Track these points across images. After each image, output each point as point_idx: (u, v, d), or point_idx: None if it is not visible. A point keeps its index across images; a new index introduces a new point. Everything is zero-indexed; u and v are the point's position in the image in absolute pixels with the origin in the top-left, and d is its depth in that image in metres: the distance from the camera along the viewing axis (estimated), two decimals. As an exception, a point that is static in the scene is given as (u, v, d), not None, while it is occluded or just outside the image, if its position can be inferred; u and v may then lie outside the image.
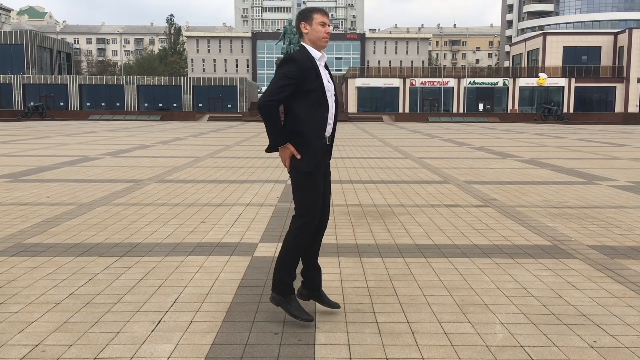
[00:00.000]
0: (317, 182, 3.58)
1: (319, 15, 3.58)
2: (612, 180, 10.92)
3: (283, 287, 3.65)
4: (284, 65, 3.49)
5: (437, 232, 6.35)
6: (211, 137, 24.54)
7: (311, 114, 3.53)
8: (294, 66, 3.46)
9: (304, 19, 3.59)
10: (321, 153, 3.60)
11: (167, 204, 8.01)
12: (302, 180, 3.58)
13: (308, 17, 3.59)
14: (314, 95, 3.52)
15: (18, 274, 4.68)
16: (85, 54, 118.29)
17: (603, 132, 31.41)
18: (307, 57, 3.53)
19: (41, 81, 60.12)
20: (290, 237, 3.65)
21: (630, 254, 5.43)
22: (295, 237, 3.62)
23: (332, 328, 3.60)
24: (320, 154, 3.59)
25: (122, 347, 3.29)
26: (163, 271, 4.78)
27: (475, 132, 30.53)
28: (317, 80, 3.52)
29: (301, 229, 3.61)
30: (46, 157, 14.85)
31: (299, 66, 3.46)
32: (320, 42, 3.59)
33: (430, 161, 14.48)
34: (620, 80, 59.54)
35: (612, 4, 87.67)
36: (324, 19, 3.60)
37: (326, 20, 3.62)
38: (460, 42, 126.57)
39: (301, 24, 3.60)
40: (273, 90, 3.43)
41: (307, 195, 3.58)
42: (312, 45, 3.59)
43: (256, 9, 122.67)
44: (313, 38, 3.58)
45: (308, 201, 3.59)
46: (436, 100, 60.21)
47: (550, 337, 3.49)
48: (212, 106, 59.53)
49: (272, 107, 3.42)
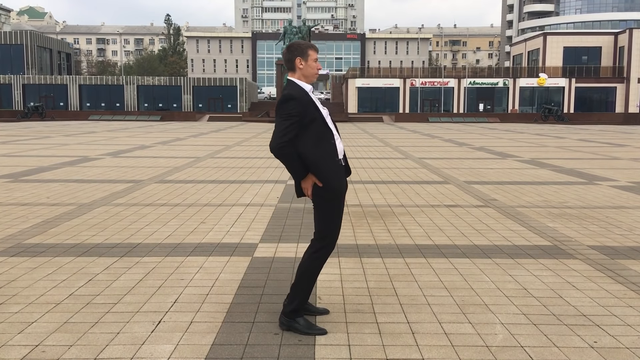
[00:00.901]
0: (339, 207, 3.60)
1: (313, 52, 3.63)
2: (613, 180, 10.91)
3: (295, 313, 3.60)
4: (285, 105, 3.49)
5: (438, 232, 6.35)
6: (211, 138, 24.54)
7: (319, 143, 3.53)
8: (296, 103, 3.48)
9: (299, 54, 3.60)
10: (340, 174, 3.60)
11: (167, 204, 8.01)
12: (326, 207, 3.57)
13: (304, 54, 3.60)
14: (316, 124, 3.53)
15: (18, 274, 4.68)
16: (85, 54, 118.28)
17: (603, 132, 31.41)
18: (303, 92, 3.56)
19: (41, 81, 60.11)
20: (309, 261, 3.62)
21: (631, 254, 5.43)
22: (314, 261, 3.61)
23: (332, 328, 3.60)
24: (340, 175, 3.59)
25: (122, 348, 3.29)
26: (163, 271, 4.78)
27: (475, 132, 30.53)
28: (317, 111, 3.56)
29: (320, 252, 3.61)
30: (46, 157, 14.85)
31: (300, 102, 3.49)
32: (313, 78, 3.65)
33: (431, 161, 14.48)
34: (621, 80, 59.51)
35: (612, 4, 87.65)
36: (316, 54, 3.66)
37: (316, 55, 3.68)
38: (461, 42, 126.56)
39: (297, 59, 3.60)
40: (281, 131, 3.44)
41: (330, 220, 3.59)
42: (303, 80, 3.62)
43: (256, 9, 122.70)
44: (307, 74, 3.62)
45: (331, 226, 3.60)
46: (436, 101, 60.18)
47: (551, 337, 3.49)
48: (212, 106, 59.51)
49: (286, 147, 3.44)
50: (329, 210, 3.58)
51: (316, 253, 3.60)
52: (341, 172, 3.62)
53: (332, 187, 3.53)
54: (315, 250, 3.60)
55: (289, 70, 3.65)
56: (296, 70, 3.61)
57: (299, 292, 3.62)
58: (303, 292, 3.63)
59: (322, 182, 3.51)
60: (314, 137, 3.51)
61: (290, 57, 3.62)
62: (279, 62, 45.39)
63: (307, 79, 3.62)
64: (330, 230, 3.60)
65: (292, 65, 3.61)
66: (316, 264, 3.62)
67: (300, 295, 3.62)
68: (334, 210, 3.58)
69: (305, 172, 3.53)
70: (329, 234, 3.60)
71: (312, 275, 3.63)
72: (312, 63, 3.61)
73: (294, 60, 3.60)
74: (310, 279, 3.63)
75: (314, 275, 3.64)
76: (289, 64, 3.63)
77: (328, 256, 3.65)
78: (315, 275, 3.65)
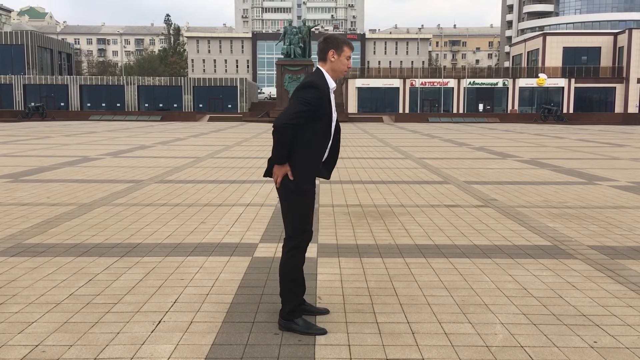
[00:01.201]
0: (308, 203, 3.54)
1: (348, 50, 3.62)
2: (612, 180, 10.91)
3: (292, 314, 3.58)
4: (306, 90, 3.47)
5: (437, 232, 6.35)
6: (211, 138, 24.54)
7: (314, 140, 3.52)
8: (316, 92, 3.46)
9: (334, 47, 3.59)
10: (313, 180, 3.60)
11: (168, 204, 8.01)
12: (293, 199, 3.52)
13: (339, 48, 3.60)
14: (323, 122, 3.52)
15: (18, 274, 4.68)
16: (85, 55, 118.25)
17: (603, 132, 31.41)
18: (325, 85, 3.54)
19: (42, 81, 60.10)
20: (283, 261, 3.60)
21: (631, 254, 5.43)
22: (288, 260, 3.57)
23: (332, 328, 3.60)
24: (313, 181, 3.59)
25: (122, 348, 3.29)
26: (163, 271, 4.78)
27: (475, 132, 30.53)
28: (329, 110, 3.54)
29: (292, 251, 3.56)
30: (47, 157, 14.85)
31: (319, 93, 3.47)
32: (340, 74, 3.64)
33: (431, 161, 14.48)
34: (620, 80, 59.51)
35: (612, 4, 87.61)
36: (350, 53, 3.64)
37: (351, 55, 3.66)
38: (460, 43, 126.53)
39: (330, 51, 3.59)
40: (292, 113, 3.41)
41: (297, 216, 3.53)
42: (330, 74, 3.61)
43: (256, 10, 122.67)
44: (337, 68, 3.61)
45: (297, 221, 3.53)
46: (436, 101, 60.18)
47: (551, 337, 3.49)
48: (213, 106, 59.50)
49: (289, 129, 3.40)
50: (294, 205, 3.52)
51: (289, 252, 3.58)
52: (314, 178, 3.60)
53: (300, 189, 3.50)
54: (288, 250, 3.59)
55: (319, 60, 3.66)
56: (327, 62, 3.62)
57: (287, 294, 3.59)
58: (291, 293, 3.59)
59: (293, 178, 3.49)
60: (312, 134, 3.49)
61: (324, 48, 3.62)
62: (279, 62, 45.41)
63: (335, 73, 3.62)
64: (296, 227, 3.54)
65: (324, 55, 3.62)
66: (291, 262, 3.57)
67: (290, 296, 3.59)
68: (300, 205, 3.52)
69: (286, 160, 3.50)
70: (296, 231, 3.54)
71: (292, 275, 3.58)
72: (344, 60, 3.60)
73: (328, 51, 3.61)
74: (291, 278, 3.58)
75: (293, 275, 3.59)
76: (321, 53, 3.64)
77: (302, 255, 3.60)
78: (295, 274, 3.59)
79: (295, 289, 3.61)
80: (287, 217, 3.58)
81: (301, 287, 3.66)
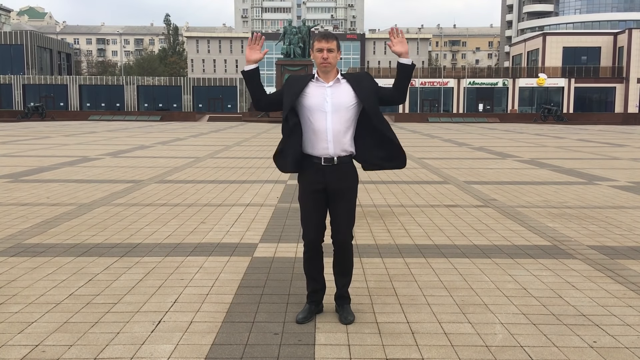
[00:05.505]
0: (305, 204, 3.72)
1: (317, 42, 3.65)
2: (612, 180, 10.92)
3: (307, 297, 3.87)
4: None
5: (437, 232, 6.35)
6: (211, 138, 24.53)
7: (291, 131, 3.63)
8: (285, 82, 3.77)
9: (311, 47, 3.77)
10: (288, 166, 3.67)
11: (167, 204, 8.01)
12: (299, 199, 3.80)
13: (313, 43, 3.70)
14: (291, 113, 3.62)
15: (18, 274, 4.68)
16: (85, 55, 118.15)
17: (603, 132, 31.41)
18: (298, 80, 3.68)
19: (41, 81, 60.12)
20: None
21: (630, 254, 5.43)
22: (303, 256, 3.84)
23: (332, 328, 3.60)
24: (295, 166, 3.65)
25: (122, 348, 3.29)
26: (163, 271, 4.78)
27: (475, 132, 30.53)
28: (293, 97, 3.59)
29: (304, 248, 3.80)
30: (46, 157, 14.85)
31: (286, 83, 3.72)
32: (321, 67, 3.66)
33: (430, 161, 14.48)
34: (620, 80, 59.53)
35: (612, 4, 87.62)
36: (320, 44, 3.61)
37: (322, 45, 3.60)
38: (460, 43, 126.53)
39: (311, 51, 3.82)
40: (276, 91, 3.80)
41: (301, 215, 3.79)
42: (318, 69, 3.70)
43: (256, 10, 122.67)
44: (316, 63, 3.69)
45: (301, 221, 3.80)
46: (436, 101, 60.21)
47: (550, 337, 3.49)
48: (212, 106, 59.52)
49: (261, 100, 3.75)
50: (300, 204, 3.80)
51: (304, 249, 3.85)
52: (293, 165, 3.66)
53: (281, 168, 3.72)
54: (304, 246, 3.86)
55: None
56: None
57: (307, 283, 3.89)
58: (307, 284, 3.86)
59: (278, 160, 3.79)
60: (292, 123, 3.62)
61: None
62: (278, 62, 45.42)
63: (319, 67, 3.69)
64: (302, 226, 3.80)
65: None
66: (304, 258, 3.83)
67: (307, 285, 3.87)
68: (300, 205, 3.78)
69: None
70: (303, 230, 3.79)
71: (306, 269, 3.83)
72: (316, 53, 3.65)
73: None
74: (306, 270, 3.84)
75: (305, 271, 3.84)
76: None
77: (310, 251, 3.76)
78: (306, 271, 3.83)
79: (308, 282, 3.86)
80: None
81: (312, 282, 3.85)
